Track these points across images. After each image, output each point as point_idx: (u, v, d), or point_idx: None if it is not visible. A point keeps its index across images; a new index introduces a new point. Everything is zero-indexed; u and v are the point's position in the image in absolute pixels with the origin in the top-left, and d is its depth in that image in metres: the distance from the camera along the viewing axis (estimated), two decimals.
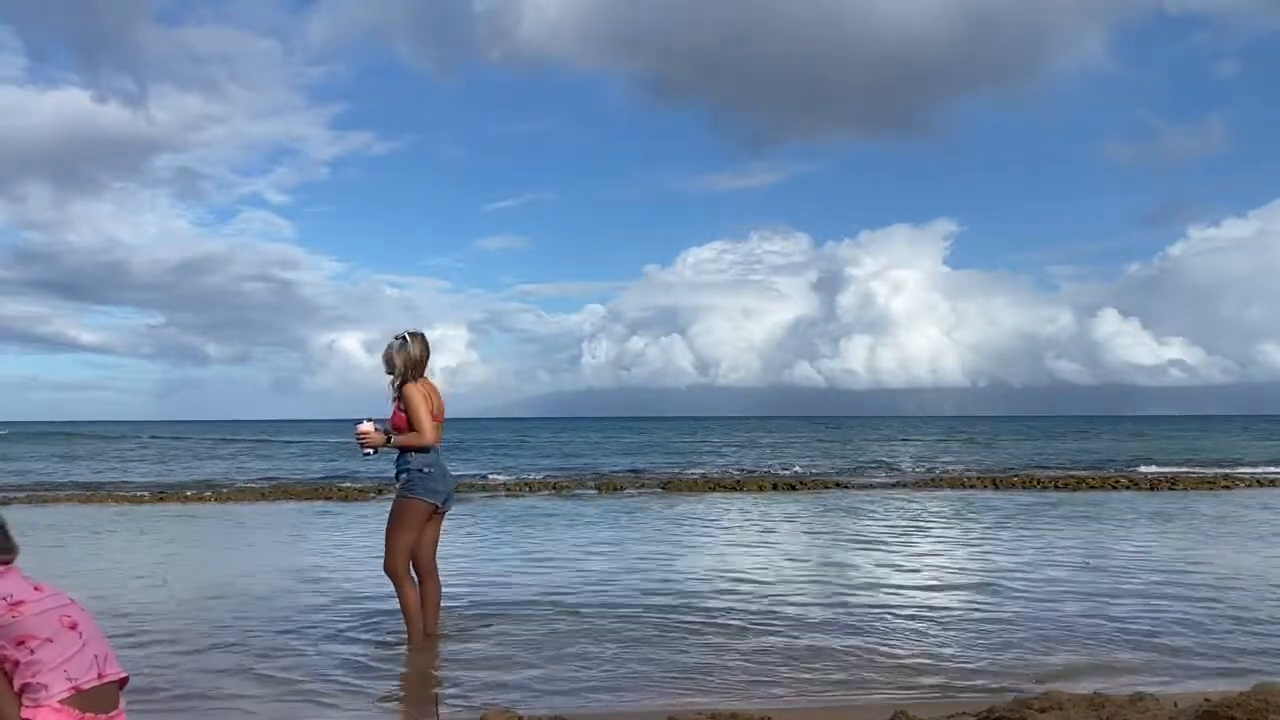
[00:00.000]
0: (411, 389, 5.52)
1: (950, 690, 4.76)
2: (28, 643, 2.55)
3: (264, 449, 42.52)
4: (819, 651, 5.56)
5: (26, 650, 2.55)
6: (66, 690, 2.57)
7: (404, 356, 5.55)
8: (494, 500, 17.36)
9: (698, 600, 7.13)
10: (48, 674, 2.56)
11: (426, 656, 5.47)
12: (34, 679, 2.55)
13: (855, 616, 6.50)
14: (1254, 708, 3.38)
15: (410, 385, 5.54)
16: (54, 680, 2.56)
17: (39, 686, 2.55)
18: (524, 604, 7.01)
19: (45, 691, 2.55)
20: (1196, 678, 4.93)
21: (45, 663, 2.56)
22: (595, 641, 5.83)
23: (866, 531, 11.94)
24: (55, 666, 2.57)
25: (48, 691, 2.55)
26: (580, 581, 7.99)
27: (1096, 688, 4.22)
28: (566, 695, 4.73)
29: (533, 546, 10.53)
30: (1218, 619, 6.41)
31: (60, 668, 2.57)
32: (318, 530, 12.49)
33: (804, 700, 4.60)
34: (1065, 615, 6.53)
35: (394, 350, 5.56)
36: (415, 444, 5.51)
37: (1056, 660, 5.37)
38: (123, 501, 17.43)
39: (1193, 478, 21.49)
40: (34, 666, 2.55)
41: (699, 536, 11.56)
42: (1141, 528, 12.18)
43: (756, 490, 19.53)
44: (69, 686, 2.58)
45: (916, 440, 51.34)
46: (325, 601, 7.13)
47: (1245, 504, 15.84)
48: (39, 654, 2.56)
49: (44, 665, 2.56)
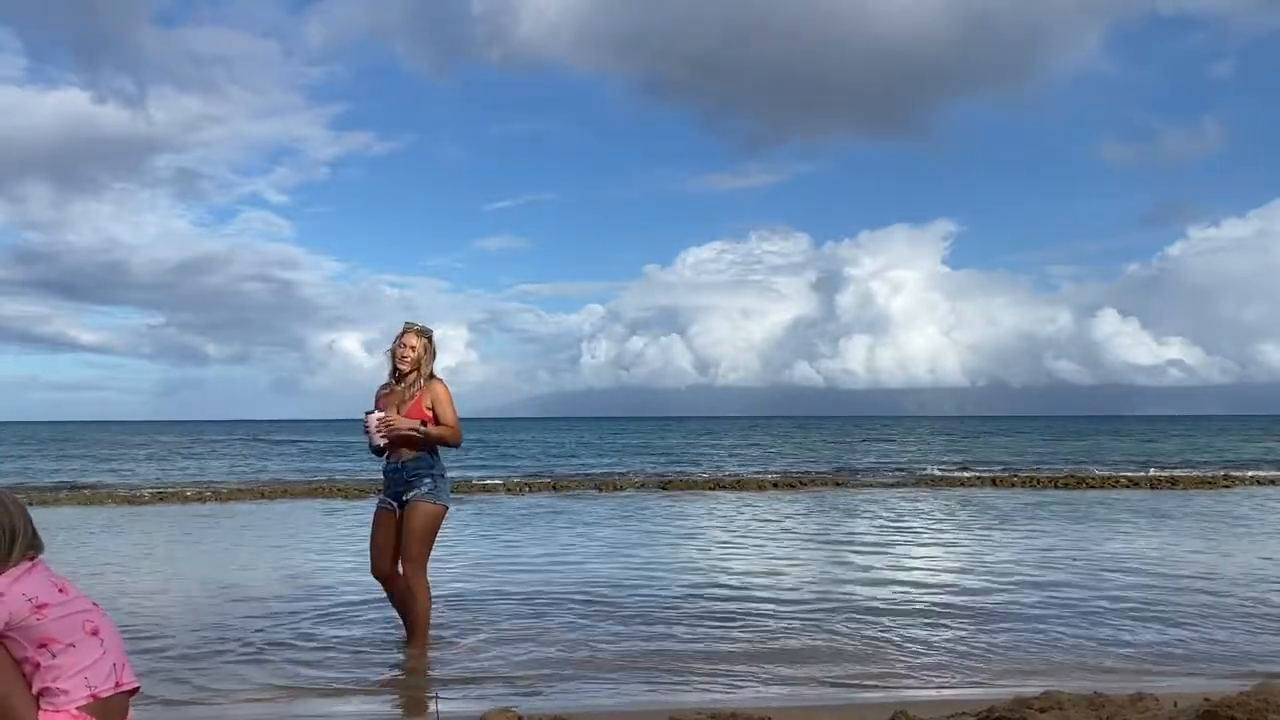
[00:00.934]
0: (443, 385, 5.42)
1: (950, 689, 4.76)
2: (50, 646, 2.53)
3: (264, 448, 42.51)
4: (819, 650, 5.56)
5: (48, 654, 2.53)
6: (85, 697, 2.56)
7: (433, 352, 5.48)
8: (494, 500, 17.36)
9: (698, 599, 7.12)
10: (68, 679, 2.54)
11: (426, 657, 5.46)
12: (54, 683, 2.53)
13: (855, 615, 6.50)
14: (1254, 707, 3.38)
15: (440, 382, 5.44)
16: (74, 686, 2.54)
17: (58, 691, 2.53)
18: (524, 603, 7.00)
19: (65, 697, 2.53)
20: (1196, 677, 4.93)
21: (66, 668, 2.54)
22: (595, 640, 5.82)
23: (865, 531, 11.93)
24: (76, 672, 2.55)
25: (67, 697, 2.53)
26: (580, 580, 7.99)
27: (1096, 687, 4.22)
28: (567, 694, 4.73)
29: (532, 546, 10.53)
30: (1218, 618, 6.41)
31: (81, 674, 2.55)
32: (318, 529, 12.49)
33: (804, 700, 4.59)
34: (1065, 614, 6.52)
35: (424, 345, 5.41)
36: (450, 440, 5.44)
37: (1056, 659, 5.37)
38: (122, 502, 17.42)
39: (1192, 477, 21.50)
40: (54, 671, 2.53)
41: (698, 535, 11.55)
42: (1141, 527, 12.18)
43: (756, 489, 19.53)
44: (88, 694, 2.56)
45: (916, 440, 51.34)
46: (325, 601, 7.13)
47: (1245, 503, 15.84)
48: (60, 658, 2.53)
49: (65, 670, 2.54)
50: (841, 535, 11.48)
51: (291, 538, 11.77)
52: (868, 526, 12.45)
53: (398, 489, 5.45)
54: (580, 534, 11.76)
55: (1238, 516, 13.55)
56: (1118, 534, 11.36)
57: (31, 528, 2.64)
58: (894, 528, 12.27)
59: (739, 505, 15.91)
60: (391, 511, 5.47)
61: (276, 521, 13.86)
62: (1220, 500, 16.50)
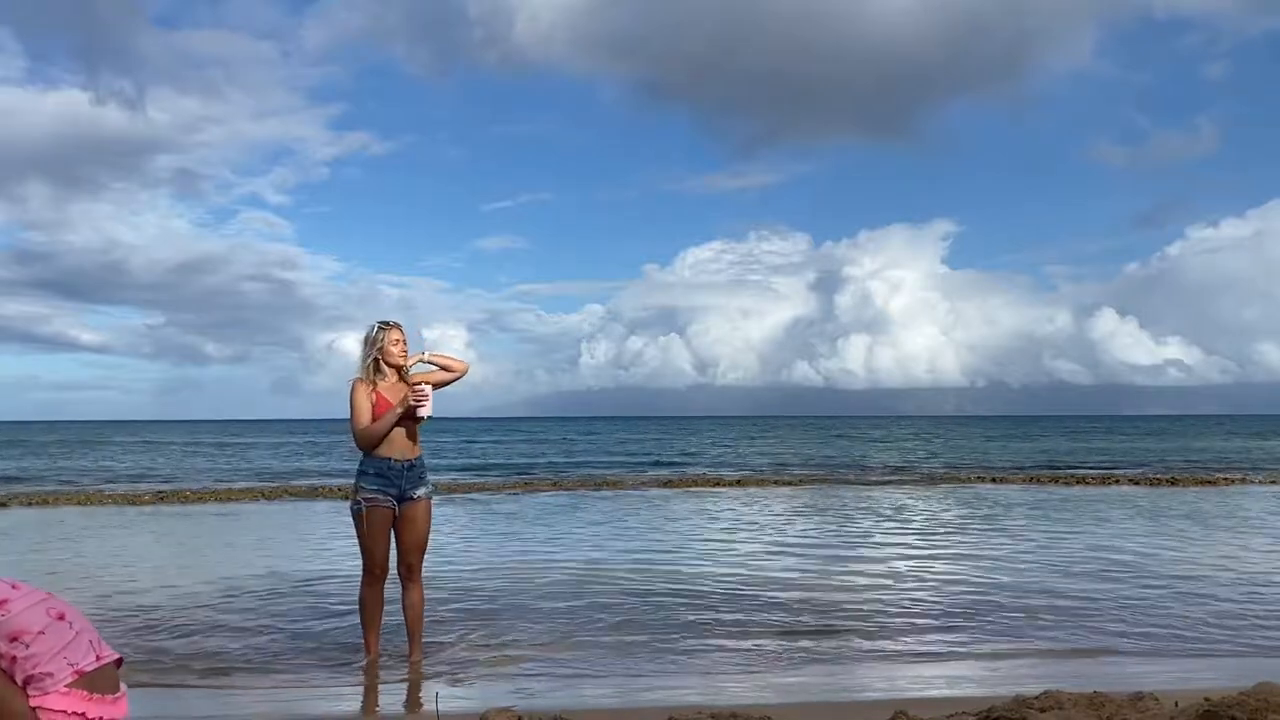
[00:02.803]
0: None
1: (950, 689, 4.76)
2: (20, 638, 2.58)
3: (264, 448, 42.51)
4: (819, 650, 5.57)
5: (21, 645, 2.58)
6: (70, 675, 2.61)
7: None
8: (493, 499, 17.36)
9: (698, 598, 7.13)
10: (48, 663, 2.59)
11: (426, 656, 5.46)
12: (35, 670, 2.58)
13: (855, 614, 6.51)
14: (1254, 707, 3.38)
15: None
16: (57, 667, 2.60)
17: (43, 676, 2.58)
18: (524, 602, 7.01)
19: (51, 679, 2.59)
20: (1197, 677, 4.93)
21: (43, 653, 2.59)
22: (596, 639, 5.83)
23: (865, 529, 11.94)
24: (55, 655, 2.60)
25: (53, 679, 2.59)
26: (581, 579, 7.99)
27: (1096, 687, 4.22)
28: (568, 693, 4.73)
29: (532, 545, 10.53)
30: (1218, 617, 6.41)
31: (59, 655, 2.61)
32: (318, 529, 12.49)
33: (804, 699, 4.59)
34: (1065, 613, 6.53)
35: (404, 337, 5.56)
36: (462, 369, 5.58)
37: (1057, 659, 5.37)
38: (122, 502, 17.41)
39: (1192, 476, 21.51)
40: (33, 659, 2.58)
41: (699, 534, 11.55)
42: (1141, 526, 12.18)
43: (756, 488, 19.54)
44: (72, 671, 2.62)
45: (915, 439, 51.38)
46: (325, 600, 7.13)
47: (1244, 503, 15.85)
48: (34, 647, 2.59)
49: (42, 656, 2.59)
50: (840, 534, 11.48)
51: (291, 537, 11.77)
52: (867, 525, 12.45)
53: (405, 486, 5.43)
54: (580, 533, 11.76)
55: (1237, 516, 13.55)
56: (1117, 533, 11.36)
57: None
58: (893, 526, 12.27)
59: (739, 504, 15.91)
60: (392, 509, 5.45)
61: (277, 521, 13.86)
62: (1220, 499, 16.50)
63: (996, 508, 14.89)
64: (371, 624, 5.50)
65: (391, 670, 5.29)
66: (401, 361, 5.49)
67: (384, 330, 5.47)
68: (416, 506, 5.44)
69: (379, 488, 5.38)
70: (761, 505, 15.74)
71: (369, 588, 5.46)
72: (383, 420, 5.32)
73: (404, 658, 5.42)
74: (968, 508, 14.96)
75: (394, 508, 5.44)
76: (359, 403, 5.34)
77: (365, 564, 5.42)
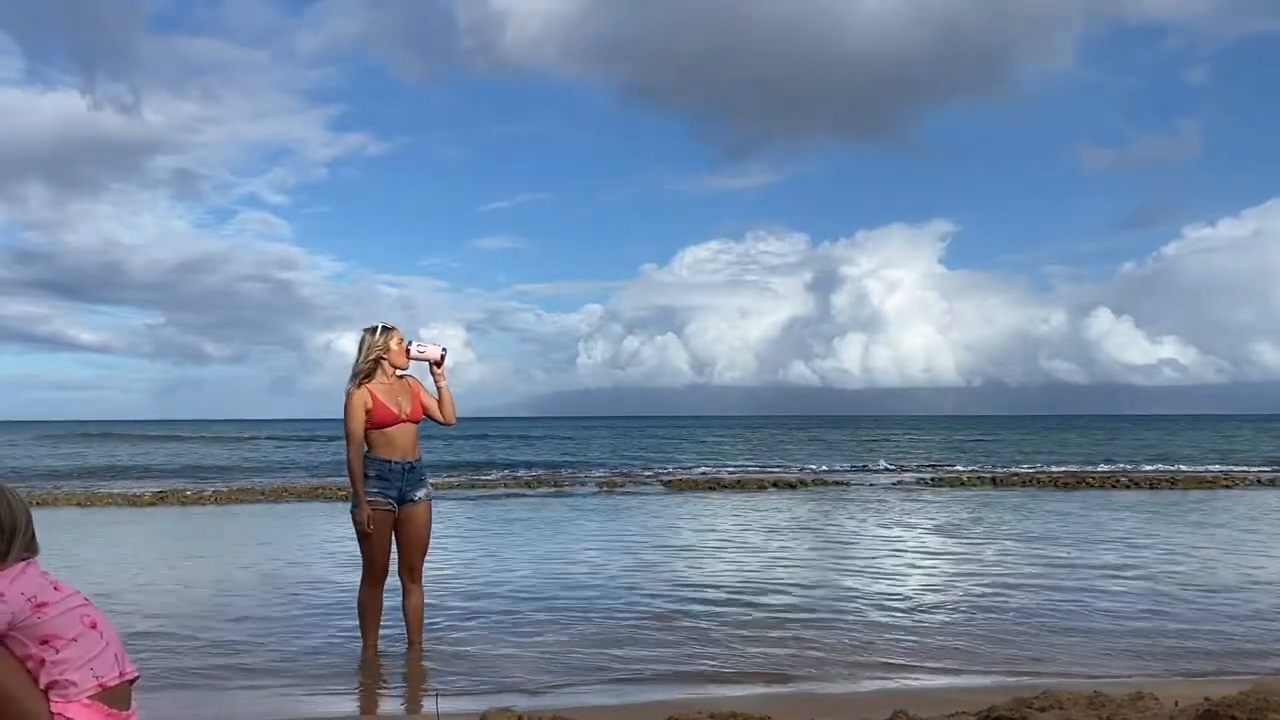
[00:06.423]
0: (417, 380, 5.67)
1: (950, 689, 4.76)
2: (52, 642, 2.58)
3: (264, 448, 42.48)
4: (818, 650, 5.56)
5: (51, 649, 2.58)
6: (94, 687, 2.62)
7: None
8: (492, 499, 17.36)
9: (698, 598, 7.13)
10: (74, 671, 2.60)
11: (426, 657, 5.46)
12: (61, 676, 2.59)
13: (854, 614, 6.51)
14: (1254, 707, 3.38)
15: (412, 377, 5.64)
16: (81, 678, 2.60)
17: (67, 683, 2.59)
18: (523, 603, 7.00)
19: (74, 688, 2.59)
20: (1196, 677, 4.93)
21: (71, 661, 2.60)
22: (595, 640, 5.83)
23: (864, 529, 11.94)
24: (82, 664, 2.61)
25: (76, 688, 2.59)
26: (581, 580, 7.99)
27: (1096, 687, 4.22)
28: (567, 694, 4.73)
29: (532, 545, 10.53)
30: (1218, 617, 6.41)
31: (86, 665, 2.61)
32: (317, 529, 12.48)
33: (803, 699, 4.59)
34: (1065, 613, 6.53)
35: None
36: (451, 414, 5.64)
37: (1056, 658, 5.38)
38: (122, 502, 17.40)
39: (1191, 476, 21.51)
40: (60, 665, 2.59)
41: (698, 534, 11.55)
42: (1140, 526, 12.18)
43: (755, 488, 19.54)
44: (95, 684, 2.62)
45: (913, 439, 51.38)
46: (325, 602, 7.13)
47: (1243, 503, 15.85)
48: (64, 653, 2.59)
49: (70, 664, 2.59)
50: (839, 534, 11.49)
51: (291, 537, 11.77)
52: (865, 525, 12.45)
53: (405, 488, 5.43)
54: (580, 533, 11.76)
55: (1236, 516, 13.55)
56: (1116, 533, 11.36)
57: (32, 529, 2.70)
58: (892, 527, 12.27)
59: (738, 504, 15.91)
60: (392, 511, 5.45)
61: (277, 521, 13.85)
62: (1219, 499, 16.51)
63: (996, 508, 14.90)
64: (371, 626, 5.50)
65: (391, 671, 5.30)
66: (404, 363, 5.52)
67: (388, 333, 5.48)
68: (417, 508, 5.44)
69: (379, 490, 5.37)
70: (760, 506, 15.74)
71: (369, 589, 5.46)
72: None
73: (404, 659, 5.43)
74: (967, 508, 14.97)
75: (394, 510, 5.43)
76: (355, 411, 5.34)
77: (365, 566, 5.43)
